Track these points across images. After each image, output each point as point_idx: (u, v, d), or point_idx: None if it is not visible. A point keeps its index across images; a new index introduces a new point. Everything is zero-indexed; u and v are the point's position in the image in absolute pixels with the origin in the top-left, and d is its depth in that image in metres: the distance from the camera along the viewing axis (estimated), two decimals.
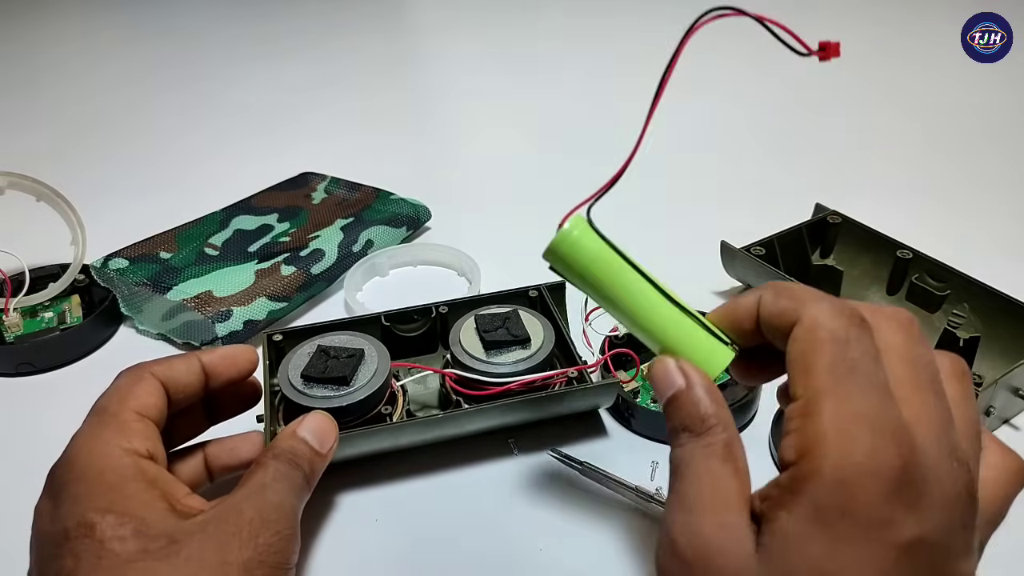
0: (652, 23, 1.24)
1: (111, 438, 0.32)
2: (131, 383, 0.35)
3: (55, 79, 1.09)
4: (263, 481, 0.33)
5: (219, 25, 1.29)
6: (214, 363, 0.38)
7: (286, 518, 0.32)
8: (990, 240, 0.64)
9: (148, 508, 0.30)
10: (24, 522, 0.44)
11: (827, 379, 0.24)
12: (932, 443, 0.24)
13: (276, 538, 0.31)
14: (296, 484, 0.34)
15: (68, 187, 0.56)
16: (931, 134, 0.85)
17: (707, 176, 0.78)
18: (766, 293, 0.28)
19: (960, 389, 0.26)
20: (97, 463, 0.31)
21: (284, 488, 0.33)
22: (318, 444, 0.36)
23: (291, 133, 0.89)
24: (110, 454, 0.31)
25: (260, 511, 0.31)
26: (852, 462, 0.23)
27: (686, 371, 0.29)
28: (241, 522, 0.31)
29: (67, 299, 0.57)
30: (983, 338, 0.48)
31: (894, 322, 0.26)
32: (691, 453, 0.27)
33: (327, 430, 0.37)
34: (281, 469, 0.34)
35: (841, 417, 0.24)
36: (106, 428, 0.33)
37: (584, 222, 0.30)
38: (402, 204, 0.66)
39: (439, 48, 1.23)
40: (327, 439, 0.37)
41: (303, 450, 0.35)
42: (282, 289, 0.55)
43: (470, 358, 0.44)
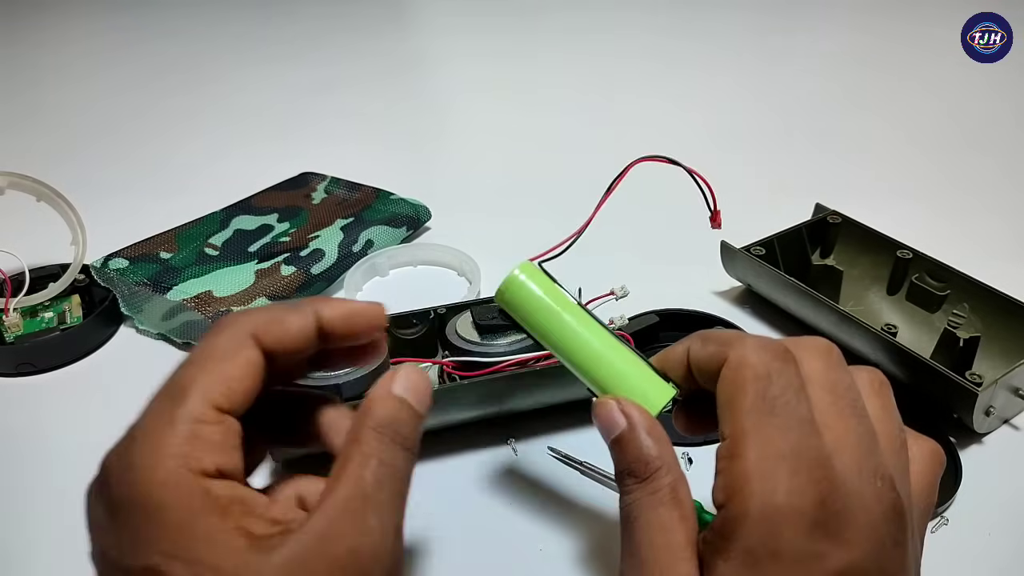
0: (653, 23, 1.24)
1: (176, 453, 0.25)
2: (223, 355, 0.27)
3: (56, 80, 1.09)
4: (363, 489, 0.25)
5: (220, 27, 1.29)
6: (334, 323, 0.29)
7: (388, 552, 0.25)
8: (990, 240, 0.64)
9: (221, 551, 0.23)
10: (24, 521, 0.44)
11: (750, 419, 0.25)
12: (854, 469, 0.25)
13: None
14: (402, 476, 0.27)
15: (68, 187, 0.56)
16: (931, 134, 0.85)
17: (707, 176, 0.77)
18: (694, 342, 0.29)
19: (880, 403, 0.28)
20: (157, 493, 0.24)
21: (389, 496, 0.26)
22: (417, 403, 0.28)
23: (291, 133, 0.89)
24: (176, 482, 0.24)
25: (355, 548, 0.24)
26: (774, 502, 0.24)
27: (627, 412, 0.29)
28: (331, 562, 0.24)
29: (67, 299, 0.57)
30: (983, 338, 0.48)
31: (814, 351, 0.28)
32: (638, 502, 0.27)
33: (422, 382, 0.29)
34: (385, 455, 0.26)
35: (763, 457, 0.24)
36: (173, 435, 0.25)
37: (533, 267, 0.32)
38: (402, 204, 0.66)
39: (439, 49, 1.23)
40: (425, 394, 0.29)
41: (405, 417, 0.28)
42: (282, 289, 0.55)
43: (465, 342, 0.44)
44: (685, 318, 0.52)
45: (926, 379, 0.45)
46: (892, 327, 0.48)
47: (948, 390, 0.43)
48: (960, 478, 0.42)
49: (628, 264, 0.63)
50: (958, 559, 0.39)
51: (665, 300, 0.53)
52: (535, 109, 0.95)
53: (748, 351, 0.26)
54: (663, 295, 0.54)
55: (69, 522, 0.43)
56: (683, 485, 0.28)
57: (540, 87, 1.01)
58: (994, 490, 0.43)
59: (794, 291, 0.51)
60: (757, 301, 0.57)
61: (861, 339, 0.48)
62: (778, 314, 0.55)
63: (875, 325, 0.47)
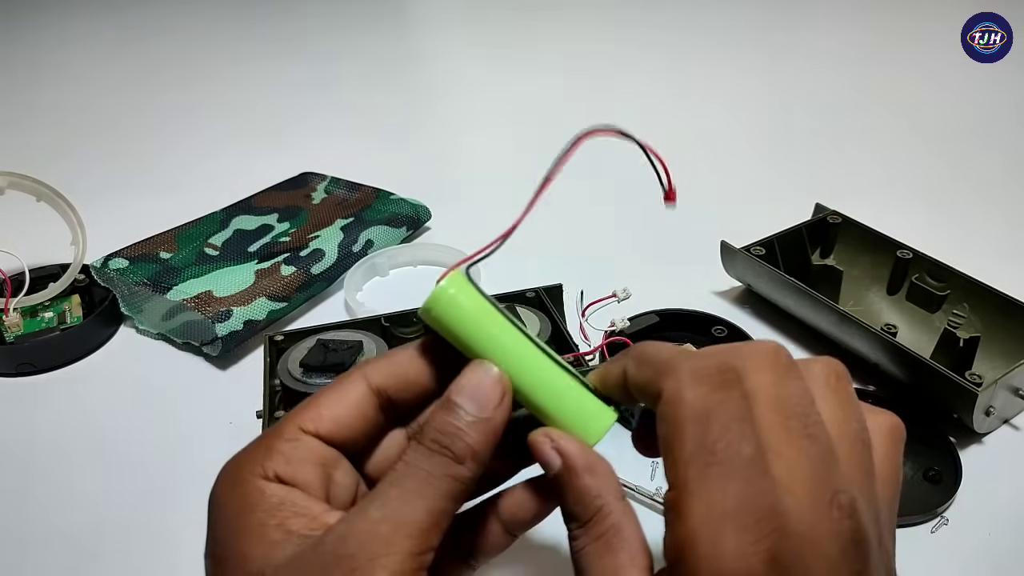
0: (653, 21, 1.24)
1: (248, 460, 0.27)
2: (329, 389, 0.28)
3: (55, 79, 1.09)
4: (384, 490, 0.25)
5: (219, 25, 1.29)
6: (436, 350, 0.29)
7: (402, 554, 0.24)
8: (990, 240, 0.64)
9: (255, 541, 0.25)
10: (24, 521, 0.44)
11: (690, 471, 0.23)
12: (806, 505, 0.23)
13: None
14: (439, 484, 0.26)
15: (68, 187, 0.56)
16: (931, 134, 0.85)
17: (707, 176, 0.78)
18: (629, 364, 0.27)
19: (837, 400, 0.25)
20: (223, 492, 0.26)
21: (415, 497, 0.25)
22: (477, 408, 0.26)
23: (291, 133, 0.89)
24: (235, 482, 0.26)
25: (362, 545, 0.24)
26: (721, 569, 0.22)
27: (561, 449, 0.27)
28: (329, 560, 0.24)
29: (67, 299, 0.57)
30: (983, 338, 0.48)
31: (760, 358, 0.25)
32: (585, 551, 0.26)
33: (488, 385, 0.27)
34: (420, 467, 0.25)
35: (707, 518, 0.22)
36: (253, 448, 0.27)
37: (462, 279, 0.29)
38: (402, 204, 0.66)
39: (439, 48, 1.23)
40: (489, 397, 0.27)
41: (451, 424, 0.26)
42: (282, 289, 0.55)
43: None
44: (685, 318, 0.52)
45: (926, 379, 0.45)
46: (892, 327, 0.48)
47: (948, 390, 0.43)
48: (960, 478, 0.42)
49: (628, 264, 0.63)
50: (958, 559, 0.39)
51: (665, 300, 0.53)
52: (535, 109, 0.95)
53: (683, 386, 0.24)
54: (663, 295, 0.54)
55: (69, 521, 0.43)
56: (629, 522, 0.26)
57: (540, 86, 1.01)
58: (994, 490, 0.43)
59: (794, 291, 0.51)
60: (757, 301, 0.57)
61: (861, 339, 0.48)
62: (778, 314, 0.55)
63: (875, 325, 0.47)
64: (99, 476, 0.45)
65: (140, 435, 0.48)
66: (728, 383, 0.24)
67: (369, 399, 0.28)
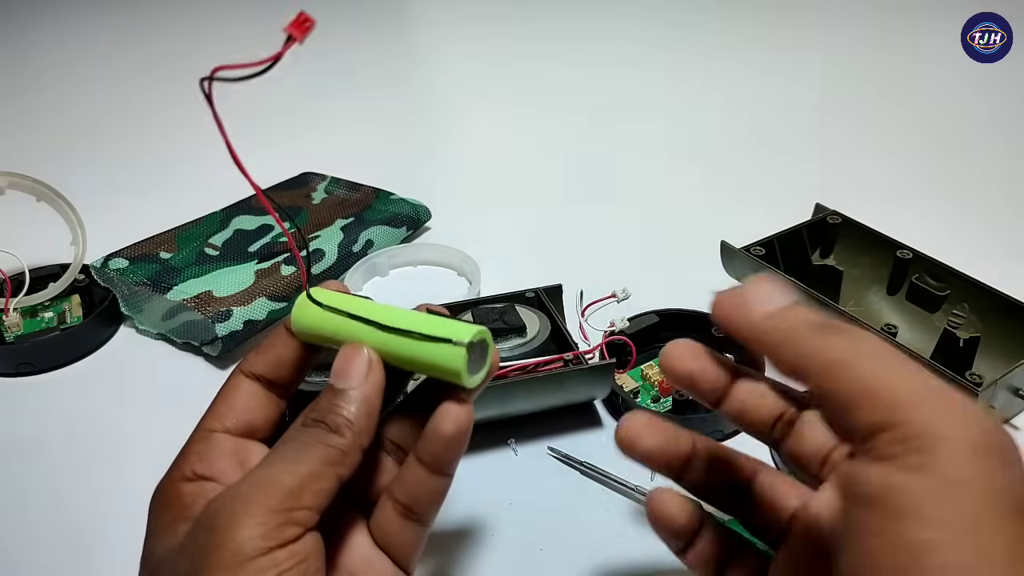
0: (653, 22, 1.24)
1: (171, 469, 0.30)
2: (220, 392, 0.31)
3: (55, 79, 1.09)
4: (258, 463, 0.28)
5: (219, 25, 1.29)
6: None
7: (262, 508, 0.25)
8: (990, 240, 0.64)
9: (169, 539, 0.27)
10: (24, 521, 0.44)
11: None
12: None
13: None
14: (310, 452, 0.27)
15: (68, 187, 0.56)
16: (931, 134, 0.85)
17: (707, 176, 0.78)
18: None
19: None
20: (151, 503, 0.29)
21: (281, 461, 0.27)
22: (347, 382, 0.28)
23: (291, 133, 0.89)
24: (160, 490, 0.29)
25: (224, 505, 0.26)
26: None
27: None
28: (200, 525, 0.26)
29: (67, 299, 0.57)
30: (983, 338, 0.48)
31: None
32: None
33: (355, 360, 0.28)
34: (293, 440, 0.27)
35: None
36: (176, 459, 0.30)
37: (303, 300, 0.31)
38: (402, 204, 0.66)
39: (440, 48, 1.23)
40: (357, 370, 0.28)
41: (332, 402, 0.28)
42: (282, 289, 0.55)
43: None
44: (685, 318, 0.52)
45: None
46: (892, 327, 0.48)
47: None
48: None
49: (628, 264, 0.63)
50: None
51: (665, 300, 0.53)
52: (535, 108, 0.95)
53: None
54: (663, 295, 0.54)
55: (68, 521, 0.43)
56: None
57: (540, 87, 1.01)
58: None
59: (794, 291, 0.51)
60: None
61: None
62: None
63: (875, 325, 0.47)
64: (99, 476, 0.45)
65: (140, 435, 0.48)
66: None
67: (254, 388, 0.31)
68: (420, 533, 0.30)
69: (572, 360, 0.44)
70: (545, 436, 0.46)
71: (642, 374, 0.48)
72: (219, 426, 0.30)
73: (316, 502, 0.26)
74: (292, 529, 0.26)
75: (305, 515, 0.26)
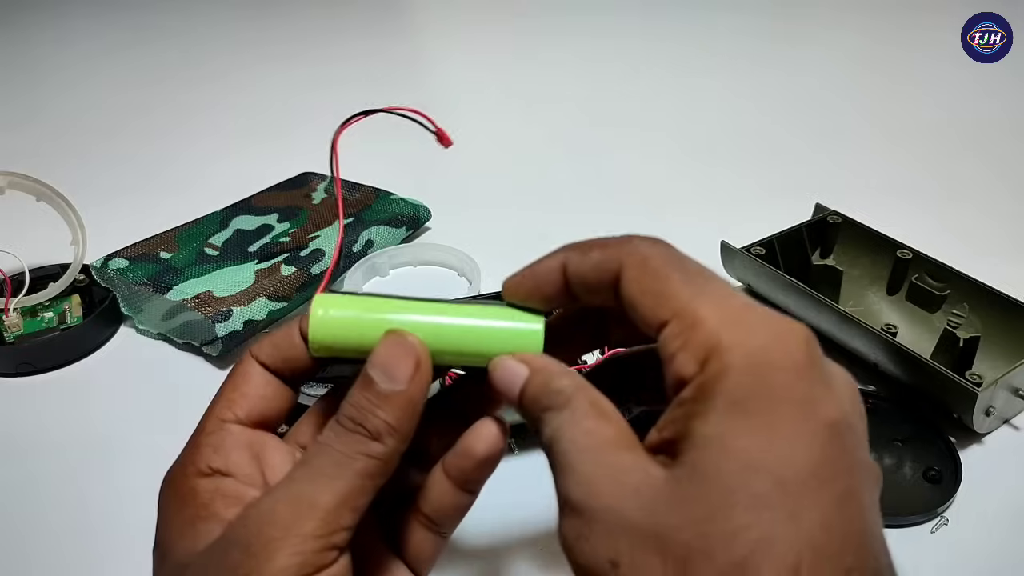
0: (653, 23, 1.24)
1: (182, 461, 0.28)
2: (230, 378, 0.29)
3: (56, 79, 1.09)
4: (293, 471, 0.25)
5: (219, 26, 1.29)
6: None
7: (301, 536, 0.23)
8: (990, 240, 0.64)
9: (185, 534, 0.26)
10: (24, 521, 0.44)
11: (688, 290, 0.23)
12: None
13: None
14: (350, 464, 0.25)
15: (68, 187, 0.56)
16: (931, 134, 0.85)
17: (707, 176, 0.78)
18: (571, 254, 0.26)
19: None
20: (162, 495, 0.27)
21: (322, 477, 0.24)
22: (390, 381, 0.25)
23: (291, 133, 0.89)
24: (170, 483, 0.27)
25: (261, 527, 0.24)
26: (759, 346, 0.21)
27: (525, 359, 0.26)
28: (232, 542, 0.24)
29: (67, 299, 0.57)
30: (983, 338, 0.48)
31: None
32: (558, 424, 0.24)
33: (401, 356, 0.25)
34: (331, 446, 0.25)
35: (728, 314, 0.22)
36: (186, 450, 0.28)
37: (327, 296, 0.27)
38: (402, 204, 0.66)
39: (439, 47, 1.23)
40: (403, 368, 0.25)
41: (372, 400, 0.25)
42: (282, 289, 0.55)
43: None
44: None
45: (926, 379, 0.45)
46: (892, 327, 0.48)
47: (948, 390, 0.43)
48: (960, 478, 0.42)
49: None
50: (958, 559, 0.39)
51: None
52: (535, 108, 0.95)
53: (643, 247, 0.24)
54: None
55: (68, 521, 0.43)
56: (606, 401, 0.24)
57: (541, 86, 1.01)
58: (994, 490, 0.43)
59: (794, 291, 0.51)
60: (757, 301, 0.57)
61: (861, 339, 0.48)
62: None
63: (875, 325, 0.47)
64: (99, 476, 0.45)
65: (140, 435, 0.48)
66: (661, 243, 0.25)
67: (266, 375, 0.28)
68: (440, 545, 0.29)
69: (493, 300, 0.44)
70: None
71: None
72: (231, 415, 0.28)
73: (354, 520, 0.25)
74: (331, 553, 0.24)
75: (343, 537, 0.24)
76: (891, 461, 0.44)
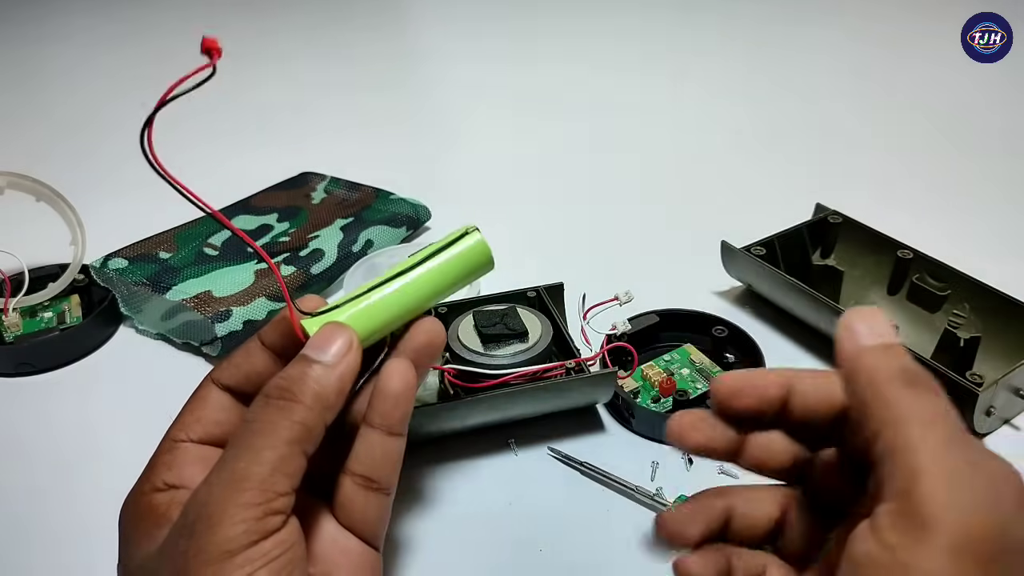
0: (653, 22, 1.24)
1: (140, 481, 0.30)
2: (188, 402, 0.32)
3: (55, 78, 1.09)
4: (224, 453, 0.27)
5: (219, 24, 1.29)
6: (271, 338, 0.32)
7: (240, 508, 0.25)
8: (991, 240, 0.64)
9: (142, 544, 0.27)
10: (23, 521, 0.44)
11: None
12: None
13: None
14: (276, 432, 0.26)
15: (67, 187, 0.56)
16: (931, 134, 0.85)
17: (707, 176, 0.78)
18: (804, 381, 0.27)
19: None
20: (122, 513, 0.29)
21: (249, 451, 0.26)
22: (322, 355, 0.28)
23: (291, 133, 0.89)
24: (130, 502, 0.29)
25: (201, 510, 0.25)
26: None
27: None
28: (179, 531, 0.26)
29: (66, 299, 0.57)
30: (984, 338, 0.48)
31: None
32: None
33: (335, 335, 0.29)
34: (256, 420, 0.27)
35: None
36: (144, 470, 0.30)
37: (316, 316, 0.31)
38: (402, 204, 0.66)
39: (439, 47, 1.23)
40: (335, 345, 0.28)
41: (303, 371, 0.28)
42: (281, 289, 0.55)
43: (468, 351, 0.44)
44: (685, 318, 0.52)
45: None
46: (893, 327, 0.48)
47: (949, 390, 0.42)
48: None
49: (628, 263, 0.63)
50: None
51: (665, 300, 0.53)
52: (535, 108, 0.95)
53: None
54: (663, 295, 0.54)
55: (68, 521, 0.43)
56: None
57: (541, 86, 1.01)
58: None
59: (795, 291, 0.51)
60: (757, 301, 0.57)
61: None
62: (778, 314, 0.55)
63: None
64: (98, 476, 0.45)
65: (139, 435, 0.47)
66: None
67: (223, 399, 0.31)
68: (384, 504, 0.30)
69: (574, 368, 0.44)
70: (546, 437, 0.46)
71: (643, 374, 0.48)
72: (183, 435, 0.30)
73: (291, 485, 0.26)
74: (274, 519, 0.25)
75: (283, 502, 0.26)
76: None
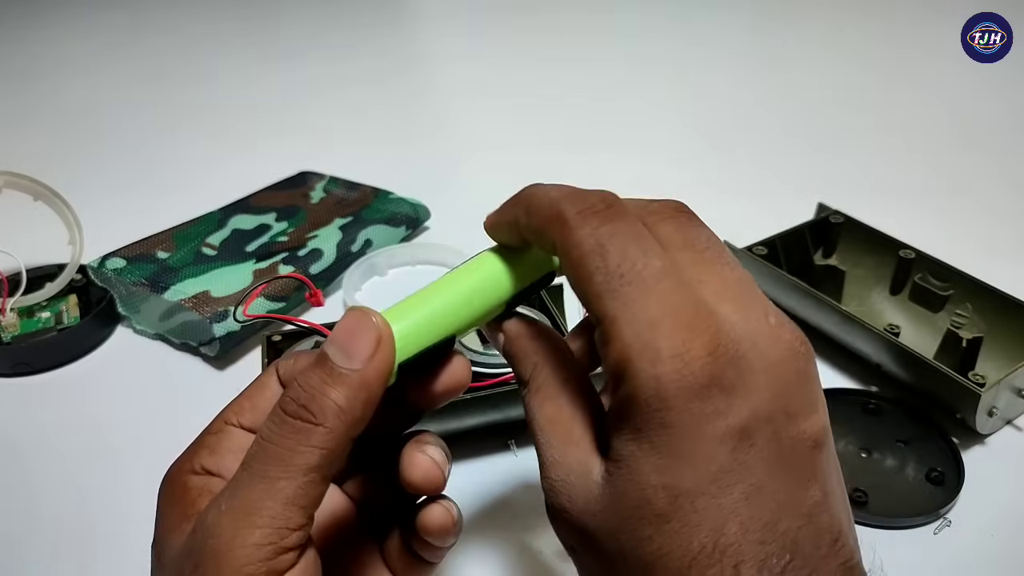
0: (653, 22, 1.24)
1: (181, 459, 0.28)
2: (250, 385, 0.29)
3: (54, 78, 1.08)
4: (237, 474, 0.24)
5: (219, 25, 1.29)
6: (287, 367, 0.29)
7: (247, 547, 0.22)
8: (993, 240, 0.64)
9: (174, 532, 0.25)
10: (23, 521, 0.44)
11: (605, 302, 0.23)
12: (740, 314, 0.22)
13: None
14: (293, 459, 0.23)
15: (65, 186, 0.56)
16: (932, 134, 0.84)
17: (709, 175, 0.77)
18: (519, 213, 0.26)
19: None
20: (160, 491, 0.27)
21: (262, 481, 0.23)
22: (346, 359, 0.23)
23: (290, 132, 0.89)
24: (168, 480, 0.27)
25: (206, 539, 0.23)
26: (657, 373, 0.21)
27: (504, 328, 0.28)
28: (190, 552, 0.23)
29: (64, 299, 0.57)
30: (986, 338, 0.48)
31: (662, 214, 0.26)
32: (527, 403, 0.26)
33: (360, 332, 0.24)
34: (271, 443, 0.23)
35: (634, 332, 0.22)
36: (189, 447, 0.28)
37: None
38: (401, 203, 0.66)
39: (439, 47, 1.23)
40: (361, 345, 0.24)
41: (323, 380, 0.23)
42: (280, 289, 0.55)
43: (466, 350, 0.44)
44: None
45: (929, 380, 0.45)
46: (895, 327, 0.48)
47: (951, 391, 0.43)
48: (963, 479, 0.42)
49: None
50: (961, 560, 0.39)
51: None
52: (535, 108, 0.94)
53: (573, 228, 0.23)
54: None
55: (66, 521, 0.42)
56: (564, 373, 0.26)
57: (540, 86, 1.01)
58: (997, 491, 0.42)
59: (796, 291, 0.51)
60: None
61: (864, 339, 0.48)
62: None
63: (878, 325, 0.47)
64: (97, 476, 0.45)
65: (138, 436, 0.48)
66: (616, 214, 0.24)
67: (276, 386, 0.28)
68: (428, 571, 0.31)
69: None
70: None
71: None
72: (235, 419, 0.27)
73: (306, 517, 0.23)
74: (286, 557, 0.23)
75: (297, 537, 0.23)
76: (894, 462, 0.44)
